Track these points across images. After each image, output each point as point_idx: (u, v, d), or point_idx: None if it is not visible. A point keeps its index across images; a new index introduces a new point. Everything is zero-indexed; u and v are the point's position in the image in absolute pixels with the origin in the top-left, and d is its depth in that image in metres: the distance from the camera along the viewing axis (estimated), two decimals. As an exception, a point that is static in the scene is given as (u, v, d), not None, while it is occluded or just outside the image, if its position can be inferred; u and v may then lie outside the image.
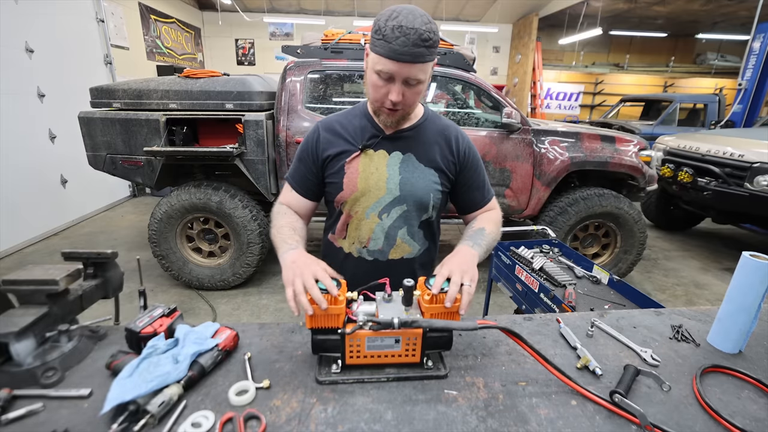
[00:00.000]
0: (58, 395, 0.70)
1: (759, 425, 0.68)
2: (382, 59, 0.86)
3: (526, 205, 3.22)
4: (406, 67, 0.85)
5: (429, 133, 1.06)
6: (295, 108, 2.92)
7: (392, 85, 0.90)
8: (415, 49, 0.83)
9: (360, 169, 1.03)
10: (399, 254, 1.09)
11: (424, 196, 1.04)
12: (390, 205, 1.04)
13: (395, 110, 0.94)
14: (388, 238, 1.06)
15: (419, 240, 1.10)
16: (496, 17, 9.14)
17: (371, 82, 0.92)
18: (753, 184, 3.45)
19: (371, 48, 0.89)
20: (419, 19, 0.83)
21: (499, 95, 3.11)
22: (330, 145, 1.05)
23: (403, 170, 1.04)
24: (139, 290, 1.05)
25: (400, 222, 1.06)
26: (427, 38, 0.83)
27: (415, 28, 0.82)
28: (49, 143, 4.15)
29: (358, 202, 1.04)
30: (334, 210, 1.11)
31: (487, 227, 1.05)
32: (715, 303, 2.20)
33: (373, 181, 1.03)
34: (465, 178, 1.09)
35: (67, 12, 4.43)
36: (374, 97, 0.94)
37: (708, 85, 11.12)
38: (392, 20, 0.83)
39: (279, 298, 3.06)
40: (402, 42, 0.82)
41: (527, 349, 0.77)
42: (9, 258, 3.60)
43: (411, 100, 0.93)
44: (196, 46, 8.68)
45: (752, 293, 0.84)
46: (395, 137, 1.04)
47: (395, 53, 0.83)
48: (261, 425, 0.64)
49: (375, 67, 0.89)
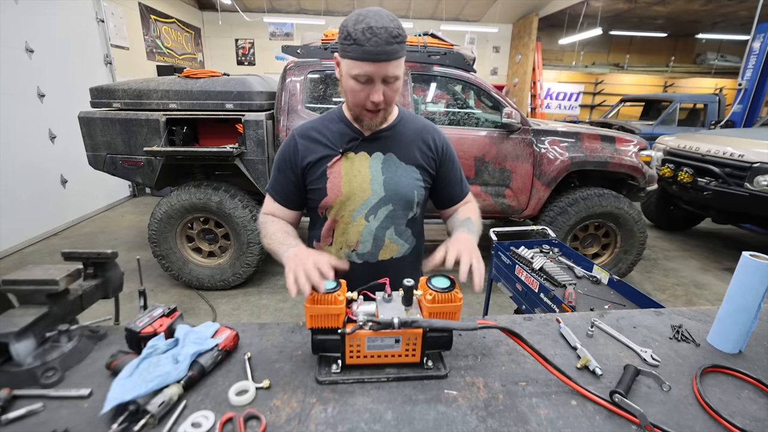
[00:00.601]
0: (58, 395, 0.70)
1: (759, 425, 0.68)
2: (357, 63, 0.87)
3: (526, 205, 3.22)
4: (383, 66, 0.87)
5: (406, 131, 1.08)
6: (295, 108, 2.92)
7: (372, 87, 0.90)
8: (388, 47, 0.85)
9: (342, 172, 1.03)
10: (388, 254, 1.09)
11: (409, 194, 1.06)
12: (376, 206, 1.05)
13: (377, 111, 0.95)
14: (376, 239, 1.07)
15: (407, 238, 1.11)
16: (496, 17, 9.15)
17: (349, 88, 0.92)
18: (753, 184, 3.45)
19: (342, 54, 0.90)
20: (386, 18, 0.85)
21: (499, 95, 3.11)
22: (309, 152, 1.04)
23: (386, 170, 1.04)
24: (139, 290, 1.05)
25: (387, 222, 1.07)
26: (397, 35, 0.85)
27: (385, 26, 0.84)
28: (49, 143, 4.15)
29: (344, 205, 1.04)
30: (318, 217, 1.11)
31: (472, 216, 1.09)
32: (715, 303, 2.20)
33: (357, 184, 1.03)
34: (444, 173, 1.12)
35: (67, 12, 4.43)
36: (355, 101, 0.95)
37: (708, 85, 11.12)
38: (360, 23, 0.84)
39: (279, 298, 3.06)
40: (375, 42, 0.84)
41: (527, 349, 0.77)
42: (9, 258, 3.60)
43: (391, 98, 0.94)
44: (196, 46, 8.68)
45: (752, 293, 0.84)
46: (374, 138, 1.05)
47: (370, 54, 0.84)
48: (261, 425, 0.64)
49: (351, 72, 0.89)
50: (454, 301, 0.77)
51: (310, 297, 0.74)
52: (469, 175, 3.06)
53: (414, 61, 3.03)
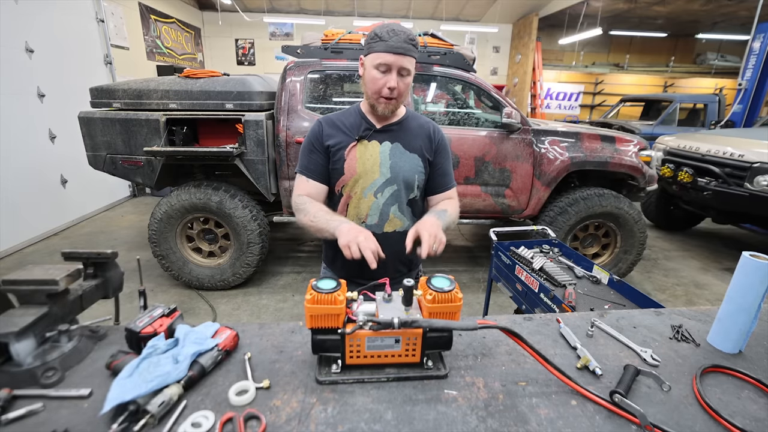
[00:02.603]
0: (58, 395, 0.70)
1: (759, 425, 0.68)
2: (381, 54, 1.10)
3: (526, 205, 3.22)
4: (400, 58, 1.10)
5: (411, 126, 1.29)
6: (295, 108, 2.92)
7: (389, 75, 1.12)
8: (405, 45, 1.10)
9: (357, 156, 1.23)
10: (392, 228, 1.27)
11: (410, 177, 1.25)
12: (383, 186, 1.24)
13: (391, 99, 1.15)
14: (382, 214, 1.25)
15: (408, 215, 1.29)
16: (496, 17, 9.15)
17: (371, 77, 1.14)
18: (753, 184, 3.45)
19: (369, 49, 1.13)
20: (405, 28, 1.12)
21: (499, 95, 3.11)
22: (330, 137, 1.24)
23: (393, 156, 1.24)
24: (139, 290, 1.05)
25: (391, 200, 1.25)
26: (412, 38, 1.12)
27: (404, 30, 1.11)
28: (49, 143, 4.15)
29: (357, 183, 1.23)
30: (334, 195, 1.29)
31: (449, 209, 1.25)
32: (715, 303, 2.21)
33: (369, 165, 1.22)
34: (436, 162, 1.31)
35: (67, 12, 4.43)
36: (374, 89, 1.15)
37: (708, 85, 11.12)
38: (386, 28, 1.11)
39: (279, 298, 3.06)
40: (396, 39, 1.09)
41: (527, 349, 0.77)
42: (9, 258, 3.60)
43: (402, 89, 1.15)
44: (196, 46, 8.68)
45: (752, 293, 0.84)
46: (385, 130, 1.25)
47: (392, 48, 1.09)
48: (261, 425, 0.64)
49: (375, 62, 1.12)
50: (454, 301, 0.77)
51: (310, 297, 0.74)
52: (469, 174, 3.06)
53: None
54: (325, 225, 1.12)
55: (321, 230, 1.13)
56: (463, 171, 3.03)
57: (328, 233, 1.10)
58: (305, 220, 1.17)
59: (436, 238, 1.03)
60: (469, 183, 3.09)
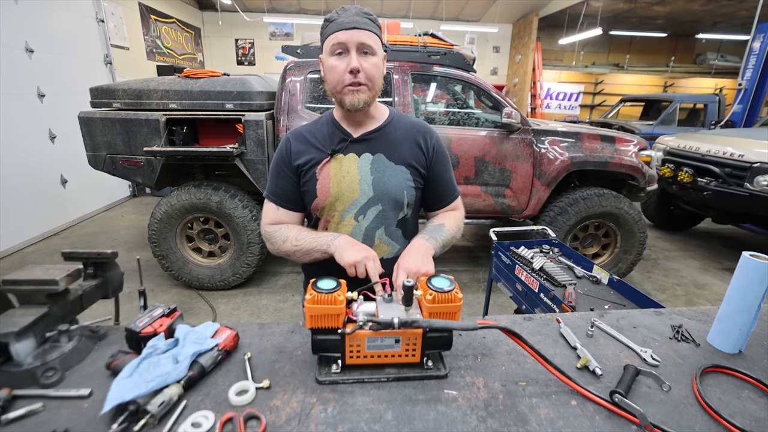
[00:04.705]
0: (58, 395, 0.70)
1: (759, 425, 0.68)
2: (333, 36, 0.95)
3: (526, 205, 3.22)
4: (355, 33, 0.93)
5: (397, 131, 1.08)
6: (295, 108, 2.92)
7: (348, 56, 0.95)
8: (358, 18, 0.94)
9: (331, 174, 1.04)
10: (379, 255, 1.06)
11: (398, 194, 1.05)
12: (365, 206, 1.05)
13: (358, 84, 0.96)
14: (366, 239, 1.06)
15: (398, 239, 1.10)
16: (496, 17, 9.15)
17: (330, 66, 0.97)
18: (753, 184, 3.45)
19: (323, 37, 0.98)
20: (358, 6, 0.98)
21: (499, 95, 3.11)
22: (300, 155, 1.06)
23: (375, 170, 1.05)
24: (139, 290, 1.05)
25: (376, 222, 1.07)
26: (367, 12, 0.97)
27: (356, 6, 0.97)
28: (49, 143, 4.15)
29: (333, 206, 1.05)
30: (310, 217, 1.14)
31: (447, 224, 1.08)
32: (715, 303, 2.21)
33: (346, 184, 1.04)
34: (433, 174, 1.12)
35: (67, 12, 4.43)
36: (335, 78, 0.97)
37: (708, 85, 11.12)
38: (335, 9, 0.97)
39: (279, 298, 3.06)
40: (346, 15, 0.95)
41: (527, 349, 0.77)
42: (9, 258, 3.60)
43: (370, 71, 0.96)
44: (196, 46, 8.68)
45: (752, 293, 0.84)
46: (363, 139, 1.06)
47: (343, 24, 0.94)
48: (261, 425, 0.64)
49: (328, 47, 0.96)
50: (454, 301, 0.77)
51: (310, 297, 0.74)
52: (469, 175, 3.06)
53: (414, 61, 3.03)
54: (314, 244, 0.98)
55: (309, 252, 1.00)
56: (463, 171, 3.03)
57: (318, 252, 0.98)
58: (286, 247, 1.03)
59: (416, 276, 0.87)
60: (469, 183, 3.09)
